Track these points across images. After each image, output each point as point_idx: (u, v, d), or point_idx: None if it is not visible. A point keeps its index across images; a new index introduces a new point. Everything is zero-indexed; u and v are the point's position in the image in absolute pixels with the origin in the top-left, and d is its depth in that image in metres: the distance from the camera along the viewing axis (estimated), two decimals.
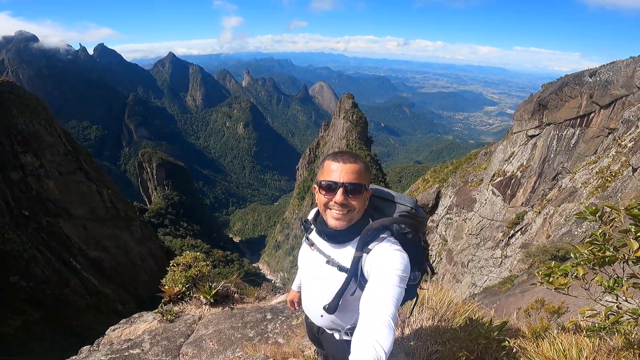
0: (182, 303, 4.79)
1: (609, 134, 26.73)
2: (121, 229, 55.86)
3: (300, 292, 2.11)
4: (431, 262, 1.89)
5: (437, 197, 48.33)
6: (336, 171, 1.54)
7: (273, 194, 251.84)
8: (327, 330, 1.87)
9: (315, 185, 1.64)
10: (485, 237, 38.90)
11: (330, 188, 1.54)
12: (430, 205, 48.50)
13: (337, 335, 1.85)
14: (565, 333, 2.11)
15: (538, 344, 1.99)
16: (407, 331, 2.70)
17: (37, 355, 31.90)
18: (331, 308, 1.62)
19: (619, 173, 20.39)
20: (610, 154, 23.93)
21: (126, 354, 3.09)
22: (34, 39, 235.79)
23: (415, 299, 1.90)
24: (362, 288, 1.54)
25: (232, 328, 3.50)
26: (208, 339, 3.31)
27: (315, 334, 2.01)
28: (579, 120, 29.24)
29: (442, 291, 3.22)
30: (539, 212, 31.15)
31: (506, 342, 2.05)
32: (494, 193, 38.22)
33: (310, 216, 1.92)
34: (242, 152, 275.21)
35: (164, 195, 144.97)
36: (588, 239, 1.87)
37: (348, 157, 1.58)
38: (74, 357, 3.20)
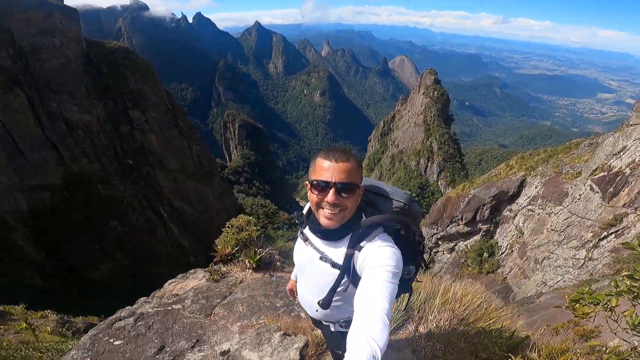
0: (231, 264, 5.27)
1: None
2: (203, 183, 61.62)
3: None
4: (425, 257, 1.82)
5: (521, 186, 44.16)
6: (328, 170, 1.52)
7: None
8: (323, 322, 1.94)
9: (307, 183, 1.64)
10: (571, 236, 34.60)
11: (322, 187, 1.53)
12: (511, 193, 44.52)
13: (332, 327, 1.92)
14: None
15: None
16: (421, 329, 2.67)
17: (119, 300, 37.67)
18: (325, 303, 1.67)
19: None
20: None
21: (169, 308, 3.60)
22: (145, 7, 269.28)
23: (410, 293, 1.91)
24: (355, 284, 1.56)
25: (264, 296, 3.82)
26: (240, 303, 3.68)
27: (313, 323, 2.12)
28: None
29: (473, 291, 3.05)
30: None
31: (510, 358, 1.94)
32: (592, 189, 33.63)
33: (305, 211, 1.91)
34: (317, 119, 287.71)
35: (242, 154, 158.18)
36: (626, 272, 1.75)
37: (340, 156, 1.55)
38: (128, 307, 3.84)
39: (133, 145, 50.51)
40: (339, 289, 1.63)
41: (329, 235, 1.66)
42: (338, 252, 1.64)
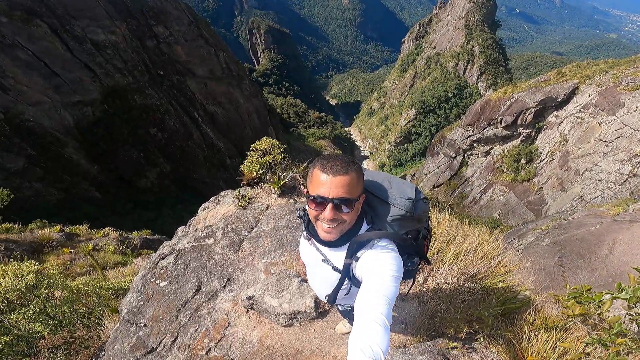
0: (257, 187, 5.43)
1: None
2: (233, 86, 61.97)
3: None
4: (427, 254, 1.78)
5: (572, 93, 40.78)
6: (325, 184, 1.42)
7: (374, 62, 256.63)
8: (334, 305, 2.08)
9: (305, 196, 1.58)
10: (619, 148, 32.30)
11: (319, 203, 1.46)
12: (560, 99, 41.24)
13: (340, 307, 2.08)
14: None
15: (530, 337, 1.94)
16: (430, 281, 2.74)
17: (167, 208, 41.15)
18: (331, 300, 1.77)
19: None
20: None
21: (202, 243, 3.92)
22: None
23: (412, 280, 1.92)
24: (357, 285, 1.61)
25: (287, 228, 3.99)
26: (265, 236, 3.89)
27: None
28: None
29: (491, 243, 2.99)
30: None
31: (499, 331, 2.00)
32: None
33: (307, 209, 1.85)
34: (346, 21, 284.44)
35: (270, 58, 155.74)
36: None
37: (338, 168, 1.43)
38: (168, 243, 4.18)
39: (161, 58, 51.10)
40: (342, 289, 1.68)
41: (328, 243, 1.64)
42: (338, 257, 1.63)
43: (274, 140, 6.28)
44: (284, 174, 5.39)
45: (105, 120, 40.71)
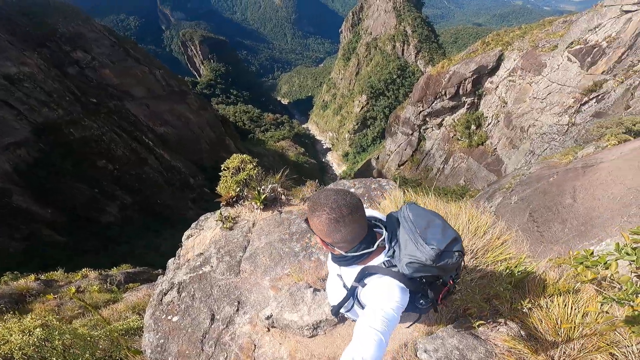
0: (238, 205, 5.34)
1: None
2: (178, 103, 59.68)
3: None
4: (438, 300, 1.76)
5: (499, 60, 44.52)
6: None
7: (317, 56, 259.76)
8: None
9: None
10: (553, 102, 35.52)
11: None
12: (490, 67, 44.72)
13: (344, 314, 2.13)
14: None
15: (549, 304, 2.08)
16: None
17: (138, 239, 39.07)
18: (333, 312, 1.86)
19: None
20: None
21: (200, 272, 3.85)
22: None
23: (418, 317, 1.97)
24: (360, 307, 1.73)
25: (281, 241, 3.98)
26: (261, 253, 3.86)
27: None
28: None
29: (479, 217, 3.19)
30: (622, 82, 28.67)
31: (519, 303, 2.15)
32: (569, 59, 34.43)
33: None
34: (282, 20, 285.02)
35: (211, 68, 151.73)
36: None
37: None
38: (165, 278, 4.02)
39: (90, 84, 48.04)
40: (345, 304, 1.77)
41: (340, 262, 1.76)
42: (350, 275, 1.73)
43: (245, 155, 6.17)
44: (263, 187, 5.34)
45: (44, 160, 37.61)
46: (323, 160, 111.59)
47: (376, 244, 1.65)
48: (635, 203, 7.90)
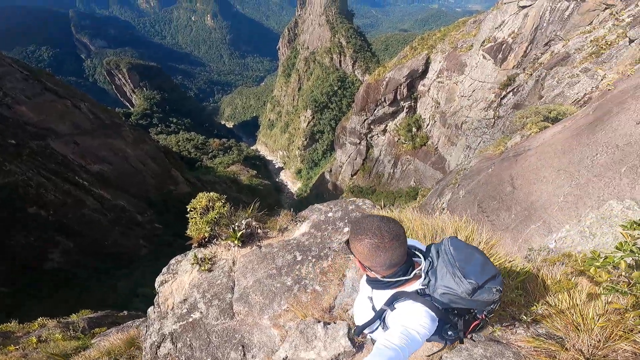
0: (211, 245, 5.13)
1: (605, 9, 27.16)
2: (112, 137, 55.48)
3: None
4: (471, 331, 1.81)
5: (427, 63, 48.12)
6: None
7: (257, 75, 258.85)
8: None
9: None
10: (478, 99, 39.26)
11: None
12: (420, 70, 48.23)
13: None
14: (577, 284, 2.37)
15: (558, 301, 2.27)
16: None
17: (93, 282, 35.91)
18: (356, 331, 1.94)
19: (615, 43, 21.95)
20: (607, 26, 24.82)
21: (190, 319, 3.65)
22: None
23: (443, 345, 1.97)
24: (384, 329, 1.79)
25: (270, 277, 3.90)
26: (252, 292, 3.75)
27: None
28: None
29: (459, 223, 3.42)
30: (531, 75, 32.15)
31: (535, 306, 2.33)
32: (484, 57, 38.19)
33: None
34: (216, 41, 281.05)
35: (144, 96, 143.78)
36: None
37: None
38: (152, 330, 3.72)
39: (5, 123, 42.70)
40: (370, 326, 1.83)
41: (373, 285, 1.83)
42: (381, 298, 1.79)
43: (212, 194, 5.96)
44: (237, 224, 5.20)
45: None
46: (277, 180, 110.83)
47: (413, 273, 1.71)
48: (566, 183, 8.55)
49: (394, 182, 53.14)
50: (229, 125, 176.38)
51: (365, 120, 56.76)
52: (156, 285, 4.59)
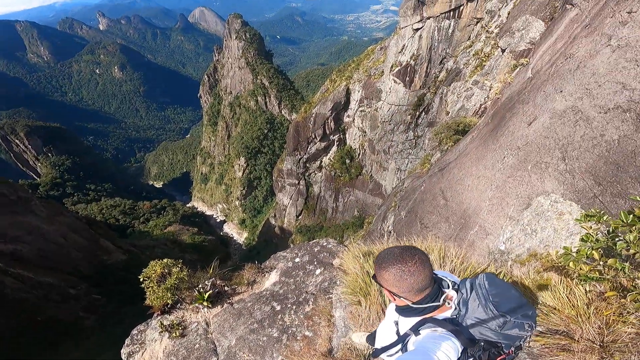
0: (177, 310, 4.84)
1: (477, 22, 31.03)
2: (21, 213, 48.55)
3: None
4: None
5: (347, 94, 51.05)
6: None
7: (181, 127, 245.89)
8: None
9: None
10: (398, 122, 43.04)
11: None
12: (343, 102, 51.17)
13: None
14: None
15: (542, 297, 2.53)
16: None
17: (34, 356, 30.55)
18: (375, 353, 2.03)
19: (492, 54, 24.01)
20: (482, 39, 27.65)
21: None
22: None
23: None
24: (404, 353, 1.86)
25: (252, 332, 3.80)
26: (239, 350, 3.61)
27: None
28: (451, 12, 33.18)
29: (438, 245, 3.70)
30: (435, 93, 35.67)
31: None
32: (395, 82, 41.85)
33: None
34: (129, 94, 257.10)
35: (50, 163, 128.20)
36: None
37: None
38: None
39: None
40: (390, 350, 1.91)
41: (401, 312, 1.90)
42: (406, 324, 1.87)
43: (165, 260, 5.70)
44: (200, 286, 5.00)
45: None
46: (222, 233, 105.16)
47: (444, 299, 1.78)
48: (487, 188, 9.54)
49: (338, 215, 54.32)
50: (158, 185, 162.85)
51: (300, 159, 57.91)
52: (123, 357, 4.16)
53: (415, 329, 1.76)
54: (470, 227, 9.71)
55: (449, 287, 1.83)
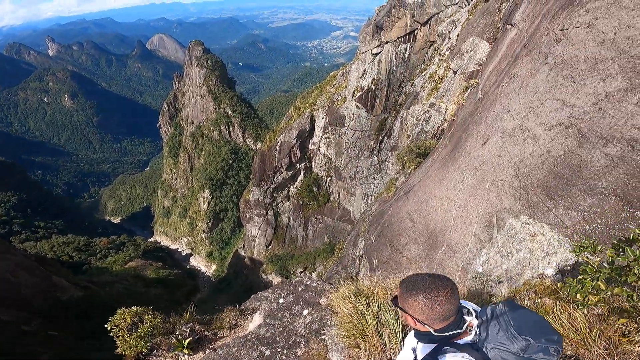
0: (152, 358, 4.61)
1: (430, 45, 32.61)
2: None
3: None
4: None
5: (312, 121, 51.44)
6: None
7: (140, 159, 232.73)
8: None
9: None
10: (362, 147, 44.12)
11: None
12: (308, 129, 51.52)
13: None
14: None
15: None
16: None
17: None
18: None
19: (445, 76, 24.91)
20: (435, 62, 28.87)
21: None
22: None
23: None
24: None
25: None
26: None
27: None
28: (407, 37, 34.70)
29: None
30: (396, 117, 36.65)
31: None
32: (357, 107, 42.91)
33: None
34: (80, 125, 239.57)
35: None
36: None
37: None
38: None
39: None
40: None
41: (420, 338, 1.92)
42: (424, 351, 1.89)
43: (135, 308, 5.36)
44: (179, 332, 4.78)
45: None
46: (188, 266, 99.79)
47: (466, 327, 1.81)
48: (451, 208, 9.41)
49: (309, 243, 53.72)
50: (116, 220, 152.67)
51: (267, 189, 57.25)
52: None
53: (433, 354, 1.77)
54: (439, 247, 9.94)
55: (470, 315, 1.87)
